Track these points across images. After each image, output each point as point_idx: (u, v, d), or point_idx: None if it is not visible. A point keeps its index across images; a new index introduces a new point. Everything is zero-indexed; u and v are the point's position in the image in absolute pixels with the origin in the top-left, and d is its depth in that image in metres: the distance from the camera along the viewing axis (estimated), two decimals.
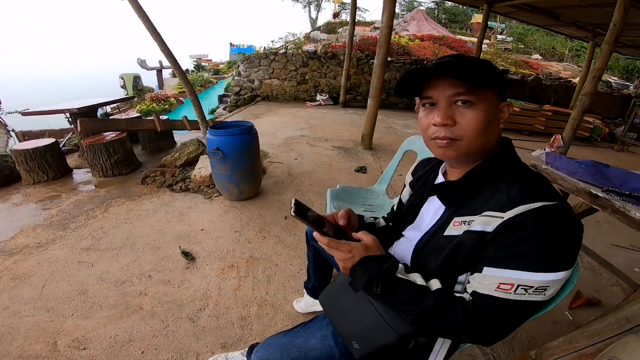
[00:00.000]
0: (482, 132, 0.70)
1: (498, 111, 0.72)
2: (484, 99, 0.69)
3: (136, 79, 12.55)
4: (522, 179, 0.68)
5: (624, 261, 2.43)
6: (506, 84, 0.74)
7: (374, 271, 0.70)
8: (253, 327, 1.71)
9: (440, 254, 0.74)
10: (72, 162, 4.01)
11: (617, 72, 14.09)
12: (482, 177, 0.74)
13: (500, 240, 0.64)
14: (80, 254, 2.24)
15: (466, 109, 0.69)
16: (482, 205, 0.69)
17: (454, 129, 0.70)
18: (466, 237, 0.69)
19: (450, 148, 0.72)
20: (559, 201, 0.63)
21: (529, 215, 0.61)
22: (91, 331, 1.64)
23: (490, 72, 0.70)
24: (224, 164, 2.65)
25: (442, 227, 0.76)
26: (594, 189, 1.43)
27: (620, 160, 5.55)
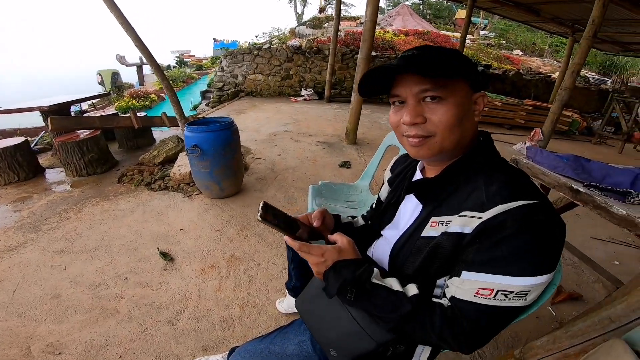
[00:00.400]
0: (455, 127, 0.66)
1: (471, 103, 0.68)
2: (454, 91, 0.65)
3: (114, 75, 12.16)
4: (501, 176, 0.65)
5: (604, 254, 2.47)
6: (479, 73, 0.70)
7: (347, 276, 0.67)
8: (235, 328, 1.66)
9: (418, 256, 0.71)
10: (45, 161, 3.85)
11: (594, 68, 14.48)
12: (460, 173, 0.70)
13: (479, 243, 0.61)
14: (53, 256, 2.15)
15: (436, 104, 0.65)
16: (460, 204, 0.66)
17: (425, 126, 0.67)
18: (444, 239, 0.66)
19: (423, 146, 0.69)
20: (540, 199, 0.60)
21: (509, 216, 0.58)
22: (66, 336, 1.58)
23: (458, 62, 0.66)
24: (203, 162, 2.57)
25: (419, 227, 0.73)
26: (575, 184, 1.41)
27: (598, 153, 5.70)
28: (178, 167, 3.11)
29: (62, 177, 3.41)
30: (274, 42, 9.15)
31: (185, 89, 12.56)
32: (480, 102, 0.69)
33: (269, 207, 0.70)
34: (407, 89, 0.67)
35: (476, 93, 0.69)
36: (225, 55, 8.48)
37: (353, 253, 0.72)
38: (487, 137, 0.75)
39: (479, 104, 0.69)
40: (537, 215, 0.58)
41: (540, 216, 0.58)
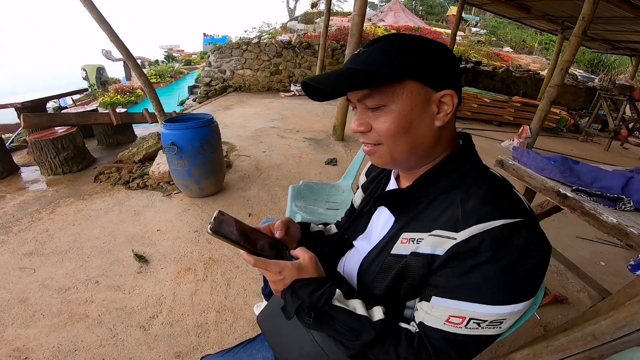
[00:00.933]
0: (400, 137, 0.59)
1: (429, 104, 0.57)
2: (397, 96, 0.56)
3: (99, 70, 11.87)
4: (479, 190, 0.58)
5: (589, 254, 2.44)
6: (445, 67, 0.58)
7: (305, 298, 0.61)
8: (210, 334, 1.60)
9: (386, 275, 0.64)
10: (21, 159, 3.71)
11: (582, 66, 14.61)
12: (433, 183, 0.63)
13: (451, 267, 0.55)
14: (22, 259, 2.05)
15: (377, 112, 0.58)
16: (433, 221, 0.59)
17: (371, 135, 0.62)
18: (413, 260, 0.59)
19: (374, 155, 0.64)
20: (523, 217, 0.53)
21: (486, 238, 0.51)
22: (32, 340, 1.53)
23: (403, 58, 0.55)
24: (181, 160, 2.48)
25: (389, 243, 0.65)
26: (562, 188, 1.34)
27: (584, 151, 5.74)
28: (157, 165, 3.01)
29: (37, 175, 3.28)
30: (264, 37, 9.00)
31: (173, 84, 12.37)
32: (448, 102, 0.58)
33: (224, 217, 0.64)
34: (352, 94, 0.61)
35: (440, 92, 0.57)
36: (213, 50, 8.32)
37: (315, 271, 0.66)
38: (466, 140, 0.67)
39: (447, 103, 0.58)
40: (518, 238, 0.51)
41: (521, 239, 0.51)
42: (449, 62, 0.58)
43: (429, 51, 0.57)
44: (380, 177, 0.84)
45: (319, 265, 0.68)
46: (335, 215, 1.86)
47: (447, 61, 0.58)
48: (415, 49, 0.56)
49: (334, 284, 0.64)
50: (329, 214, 1.87)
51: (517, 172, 1.62)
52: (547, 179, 1.45)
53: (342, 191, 2.14)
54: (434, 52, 0.57)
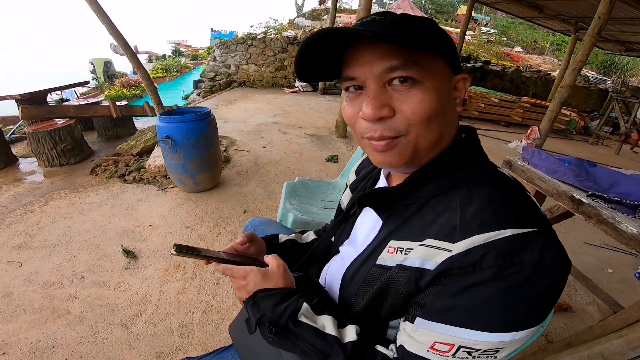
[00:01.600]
0: (435, 121, 0.48)
1: (452, 88, 0.51)
2: (433, 72, 0.47)
3: (107, 64, 11.87)
4: (484, 190, 0.48)
5: (596, 260, 2.35)
6: (456, 50, 0.53)
7: (266, 311, 0.54)
8: (195, 335, 1.54)
9: (369, 289, 0.55)
10: (20, 150, 3.69)
11: (595, 67, 14.30)
12: (428, 182, 0.53)
13: (441, 285, 0.46)
14: (10, 252, 2.02)
15: (408, 89, 0.46)
16: (425, 228, 0.50)
17: (393, 122, 0.48)
18: (398, 274, 0.50)
19: (391, 151, 0.50)
20: (538, 226, 0.43)
21: (490, 251, 0.42)
22: (12, 336, 1.50)
23: (435, 33, 0.49)
24: (176, 154, 2.42)
25: (376, 251, 0.56)
26: (577, 193, 1.21)
27: (594, 154, 5.58)
28: (154, 159, 2.96)
29: (34, 167, 3.25)
30: (270, 32, 8.93)
31: (179, 79, 12.36)
32: (461, 88, 0.52)
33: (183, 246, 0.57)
34: (366, 67, 0.47)
35: (457, 76, 0.52)
36: (218, 45, 8.27)
37: (282, 280, 0.58)
38: (470, 133, 0.57)
39: (460, 89, 0.52)
40: (531, 252, 0.41)
41: (535, 254, 0.41)
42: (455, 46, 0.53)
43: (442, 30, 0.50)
44: (369, 176, 0.74)
45: (289, 274, 0.60)
46: (329, 215, 1.78)
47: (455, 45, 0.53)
48: (438, 26, 0.50)
49: (302, 296, 0.56)
50: (323, 213, 1.79)
51: (526, 174, 1.50)
52: (560, 182, 1.33)
53: (339, 190, 2.06)
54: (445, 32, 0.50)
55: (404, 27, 0.46)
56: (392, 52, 0.45)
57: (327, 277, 0.72)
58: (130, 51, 3.10)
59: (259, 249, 0.76)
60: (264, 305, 0.54)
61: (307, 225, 1.60)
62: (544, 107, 6.35)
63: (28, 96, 3.55)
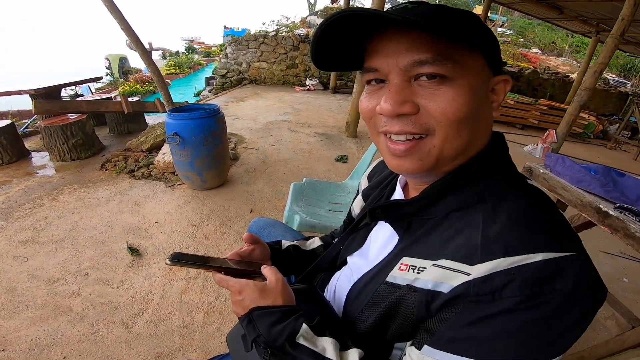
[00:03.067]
0: (468, 124, 0.42)
1: (489, 90, 0.45)
2: (468, 69, 0.41)
3: (122, 60, 12.06)
4: (512, 205, 0.42)
5: (613, 270, 2.28)
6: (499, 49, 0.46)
7: (262, 332, 0.50)
8: (195, 336, 1.52)
9: (376, 307, 0.50)
10: (33, 144, 3.74)
11: (615, 70, 13.89)
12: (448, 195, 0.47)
13: (455, 313, 0.40)
14: (17, 247, 2.02)
15: (438, 85, 0.41)
16: (441, 246, 0.44)
17: (418, 118, 0.42)
18: (408, 295, 0.45)
19: (411, 157, 0.44)
20: (574, 250, 0.38)
21: (515, 278, 0.36)
22: (12, 332, 1.49)
23: (476, 26, 0.43)
24: (184, 151, 2.40)
25: (387, 267, 0.51)
26: (603, 205, 1.12)
27: (613, 159, 5.40)
28: (163, 155, 2.95)
29: (46, 161, 3.28)
30: (282, 30, 8.89)
31: (191, 75, 12.45)
32: (500, 91, 0.46)
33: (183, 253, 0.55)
34: (391, 59, 0.42)
35: (497, 77, 0.46)
36: (230, 42, 8.29)
37: (280, 296, 0.54)
38: (499, 140, 0.51)
39: (499, 92, 0.46)
40: (564, 281, 0.35)
41: (569, 282, 0.35)
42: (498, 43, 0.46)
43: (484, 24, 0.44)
44: (384, 184, 0.68)
45: (288, 290, 0.56)
46: (337, 218, 1.73)
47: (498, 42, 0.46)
48: (480, 20, 0.44)
49: (302, 315, 0.52)
50: (330, 216, 1.74)
51: (548, 182, 1.41)
52: (585, 192, 1.24)
53: (348, 192, 2.01)
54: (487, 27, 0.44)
55: (439, 16, 0.40)
56: (422, 44, 0.40)
57: (335, 290, 0.68)
58: (142, 47, 3.10)
59: (264, 253, 0.72)
60: (260, 325, 0.50)
61: (313, 228, 1.56)
62: (561, 110, 6.17)
63: (42, 91, 3.60)
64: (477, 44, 0.42)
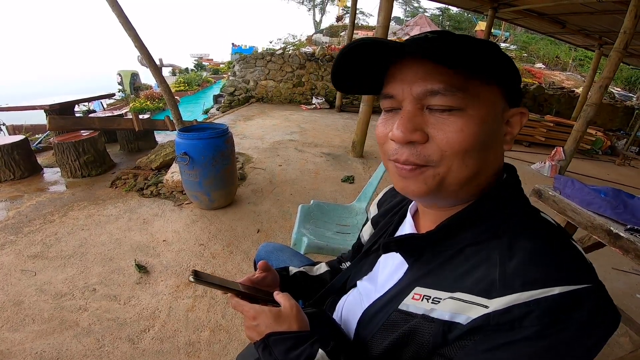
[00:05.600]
0: (472, 155, 0.43)
1: (503, 123, 0.46)
2: (480, 100, 0.43)
3: (134, 76, 12.35)
4: (527, 242, 0.43)
5: (625, 286, 2.25)
6: (519, 79, 0.47)
7: (278, 357, 0.51)
8: (201, 354, 1.52)
9: (389, 334, 0.51)
10: (45, 160, 3.83)
11: (620, 83, 13.87)
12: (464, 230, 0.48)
13: (473, 343, 0.41)
14: (26, 261, 2.06)
15: (447, 115, 0.42)
16: (457, 279, 0.45)
17: (425, 149, 0.44)
18: (423, 325, 0.46)
19: (415, 179, 0.46)
20: (590, 282, 0.39)
21: (534, 310, 0.37)
22: (17, 345, 1.51)
23: (492, 55, 0.43)
24: (193, 170, 2.44)
25: (399, 295, 0.52)
26: (614, 227, 1.14)
27: (622, 175, 5.33)
28: (172, 174, 3.00)
29: (57, 177, 3.36)
30: (288, 48, 9.11)
31: (200, 92, 12.70)
32: (515, 124, 0.47)
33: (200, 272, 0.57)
34: (406, 86, 0.44)
35: (513, 109, 0.47)
36: (238, 60, 8.48)
37: (295, 322, 0.54)
38: (511, 173, 0.52)
39: (515, 125, 0.47)
40: (580, 312, 0.37)
41: (584, 313, 0.37)
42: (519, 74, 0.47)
43: (504, 55, 0.45)
44: (394, 212, 0.70)
45: (302, 315, 0.57)
46: (344, 240, 1.74)
47: (519, 74, 0.47)
48: (499, 50, 0.44)
49: (317, 341, 0.52)
50: (338, 238, 1.75)
51: (558, 205, 1.42)
52: (595, 214, 1.25)
53: (355, 214, 2.01)
54: (507, 58, 0.45)
55: (457, 47, 0.41)
56: (437, 74, 0.42)
57: (342, 312, 0.69)
58: (154, 65, 3.20)
59: (274, 280, 0.74)
60: (276, 350, 0.51)
61: (321, 250, 1.57)
62: (568, 126, 6.16)
63: (57, 107, 3.72)
64: (493, 75, 0.44)
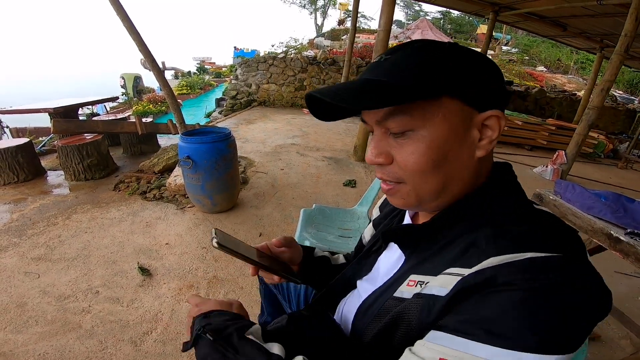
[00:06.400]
0: (430, 172, 0.46)
1: (471, 129, 0.46)
2: (430, 117, 0.44)
3: (137, 79, 12.40)
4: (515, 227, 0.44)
5: (627, 289, 2.26)
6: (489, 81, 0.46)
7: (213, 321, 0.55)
8: None
9: (381, 319, 0.53)
10: (49, 163, 3.86)
11: (621, 86, 13.86)
12: (455, 222, 0.50)
13: (453, 308, 0.41)
14: (30, 263, 2.07)
15: (402, 139, 0.46)
16: (448, 263, 0.47)
17: (391, 169, 0.49)
18: (413, 303, 0.47)
19: (395, 195, 0.51)
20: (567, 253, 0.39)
21: (504, 269, 0.38)
22: (20, 346, 1.52)
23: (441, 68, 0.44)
24: (195, 174, 2.46)
25: (394, 285, 0.54)
26: (614, 230, 1.16)
27: (625, 179, 5.32)
28: (174, 177, 3.02)
29: (61, 180, 3.38)
30: (290, 52, 9.16)
31: (202, 96, 12.74)
32: (493, 125, 0.47)
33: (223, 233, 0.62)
34: (369, 115, 0.49)
35: (486, 112, 0.46)
36: (240, 64, 8.52)
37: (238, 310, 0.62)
38: (505, 171, 0.53)
39: (492, 128, 0.47)
40: (553, 273, 0.37)
41: (557, 274, 0.37)
42: (493, 75, 0.47)
43: (470, 60, 0.45)
44: (394, 214, 0.73)
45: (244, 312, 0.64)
46: (346, 243, 1.74)
47: (491, 74, 0.47)
48: (454, 57, 0.45)
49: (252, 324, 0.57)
50: (340, 242, 1.76)
51: (559, 209, 1.43)
52: (596, 218, 1.27)
53: (357, 218, 2.02)
54: (476, 62, 0.45)
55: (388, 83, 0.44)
56: None
57: (342, 312, 0.70)
58: (158, 69, 3.23)
59: (293, 257, 0.77)
60: (214, 319, 0.55)
61: None
62: (570, 129, 6.15)
63: (61, 110, 3.75)
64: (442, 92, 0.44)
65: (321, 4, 27.12)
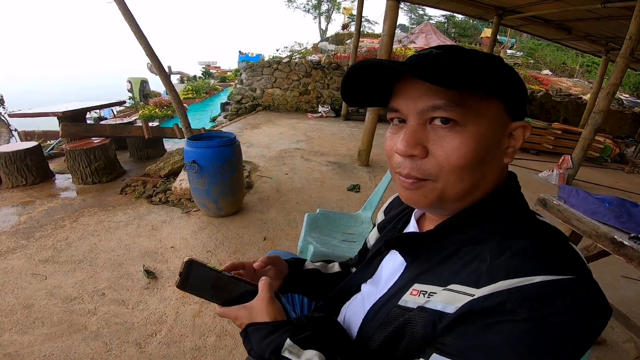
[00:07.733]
0: (469, 171, 0.46)
1: (504, 136, 0.48)
2: (480, 115, 0.45)
3: (143, 83, 12.49)
4: (520, 241, 0.44)
5: (634, 294, 2.24)
6: (524, 93, 0.49)
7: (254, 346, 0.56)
8: (207, 359, 1.54)
9: (387, 328, 0.53)
10: (57, 166, 3.92)
11: (627, 89, 13.71)
12: (462, 231, 0.50)
13: (460, 329, 0.42)
14: (37, 265, 2.11)
15: (447, 131, 0.45)
16: (451, 275, 0.47)
17: (424, 164, 0.47)
18: (417, 316, 0.48)
19: (417, 191, 0.49)
20: (575, 274, 0.39)
21: (514, 295, 0.38)
22: (26, 347, 1.54)
23: (496, 71, 0.46)
24: (201, 178, 2.49)
25: (399, 293, 0.55)
26: (618, 235, 1.15)
27: (632, 183, 5.26)
28: (180, 182, 3.05)
29: (69, 183, 3.43)
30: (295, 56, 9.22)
31: (207, 100, 12.83)
32: (519, 137, 0.48)
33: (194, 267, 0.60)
34: (410, 102, 0.47)
35: (515, 122, 0.48)
36: (245, 68, 8.59)
37: (266, 313, 0.58)
38: (511, 180, 0.54)
39: (518, 138, 0.48)
40: (563, 298, 0.37)
41: (568, 299, 0.37)
42: (524, 88, 0.49)
43: (511, 71, 0.48)
44: (399, 218, 0.72)
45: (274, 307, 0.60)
46: (350, 248, 1.75)
47: (524, 87, 0.49)
48: (503, 64, 0.47)
49: (289, 330, 0.55)
50: (344, 246, 1.77)
51: (562, 214, 1.43)
52: (600, 223, 1.26)
53: (362, 222, 2.03)
54: (514, 74, 0.48)
55: (456, 65, 0.44)
56: (437, 90, 0.44)
57: (345, 315, 0.71)
58: (164, 74, 3.27)
59: (277, 274, 0.77)
60: (253, 338, 0.55)
61: (327, 257, 1.59)
62: (576, 133, 6.11)
63: (69, 113, 3.82)
64: (494, 91, 0.45)
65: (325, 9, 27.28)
